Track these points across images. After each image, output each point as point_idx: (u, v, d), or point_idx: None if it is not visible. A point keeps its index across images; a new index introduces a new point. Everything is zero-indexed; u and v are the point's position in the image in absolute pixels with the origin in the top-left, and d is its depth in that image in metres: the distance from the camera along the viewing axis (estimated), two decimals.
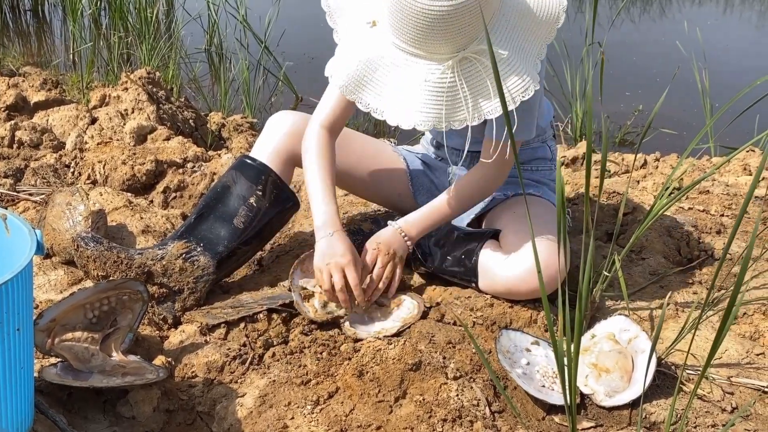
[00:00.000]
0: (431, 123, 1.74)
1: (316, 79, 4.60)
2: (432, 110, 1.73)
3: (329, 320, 1.90)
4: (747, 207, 1.19)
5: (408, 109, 1.73)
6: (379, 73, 1.74)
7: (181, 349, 1.81)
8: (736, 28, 6.29)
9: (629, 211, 2.52)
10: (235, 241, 2.03)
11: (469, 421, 1.59)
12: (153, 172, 2.64)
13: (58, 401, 1.63)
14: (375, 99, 1.76)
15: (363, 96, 1.77)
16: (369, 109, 1.77)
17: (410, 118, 1.74)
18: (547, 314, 1.31)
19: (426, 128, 1.75)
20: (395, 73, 1.73)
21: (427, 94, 1.72)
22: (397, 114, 1.75)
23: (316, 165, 1.99)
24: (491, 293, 1.99)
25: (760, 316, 1.99)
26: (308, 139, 2.02)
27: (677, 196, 1.85)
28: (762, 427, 1.63)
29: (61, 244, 2.12)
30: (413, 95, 1.72)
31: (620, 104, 4.40)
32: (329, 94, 2.02)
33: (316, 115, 2.04)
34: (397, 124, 1.75)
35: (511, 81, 1.71)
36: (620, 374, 1.70)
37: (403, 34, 1.69)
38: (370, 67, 1.74)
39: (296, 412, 1.61)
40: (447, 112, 1.73)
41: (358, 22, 1.78)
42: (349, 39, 1.79)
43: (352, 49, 1.77)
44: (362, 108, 1.78)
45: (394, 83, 1.74)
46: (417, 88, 1.72)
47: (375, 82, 1.75)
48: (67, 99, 3.36)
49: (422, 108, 1.73)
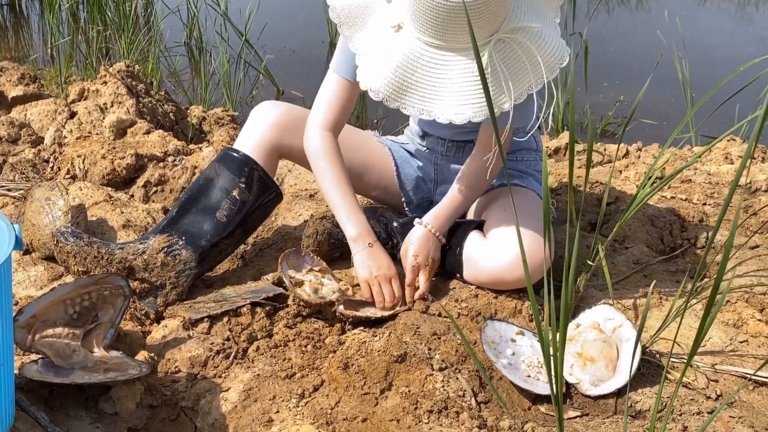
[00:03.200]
0: (484, 112, 1.72)
1: (296, 72, 4.60)
2: (480, 99, 1.71)
3: (321, 304, 1.88)
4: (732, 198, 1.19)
5: (456, 104, 1.72)
6: (419, 75, 1.72)
7: (163, 344, 1.80)
8: (712, 19, 6.32)
9: (612, 201, 2.52)
10: (217, 235, 2.01)
11: (455, 411, 1.58)
12: (133, 166, 2.61)
13: (39, 398, 1.61)
14: (420, 101, 1.74)
15: (407, 101, 1.75)
16: (415, 111, 1.75)
17: (462, 113, 1.72)
18: (533, 304, 1.30)
19: (480, 118, 1.73)
20: (435, 71, 1.71)
21: (473, 85, 1.70)
22: (447, 111, 1.73)
23: (331, 172, 1.97)
24: (476, 284, 1.98)
25: (744, 303, 2.00)
26: (314, 144, 1.99)
27: (659, 185, 1.86)
28: (746, 414, 1.64)
29: (41, 239, 2.09)
30: (460, 90, 1.71)
31: (599, 95, 4.41)
32: (327, 93, 1.99)
33: (316, 118, 2.00)
34: (449, 121, 1.73)
35: (545, 52, 1.71)
36: (605, 363, 1.71)
37: (433, 29, 1.67)
38: (408, 70, 1.71)
39: (281, 406, 1.60)
40: (494, 98, 1.72)
41: (380, 29, 1.75)
42: (374, 47, 1.76)
43: (383, 56, 1.73)
44: (408, 113, 1.76)
45: (437, 82, 1.72)
46: (462, 82, 1.70)
47: (416, 85, 1.73)
48: (46, 93, 3.32)
49: (472, 100, 1.71)
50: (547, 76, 1.71)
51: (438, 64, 1.71)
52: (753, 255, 2.25)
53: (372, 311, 1.90)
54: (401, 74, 1.72)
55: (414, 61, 1.71)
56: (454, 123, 1.73)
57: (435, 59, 1.71)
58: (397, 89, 1.73)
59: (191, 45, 4.95)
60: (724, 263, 1.17)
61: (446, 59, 1.70)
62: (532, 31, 1.70)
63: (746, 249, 2.28)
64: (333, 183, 1.97)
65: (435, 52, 1.70)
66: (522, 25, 1.69)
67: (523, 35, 1.69)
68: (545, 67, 1.70)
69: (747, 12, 6.56)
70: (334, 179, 1.97)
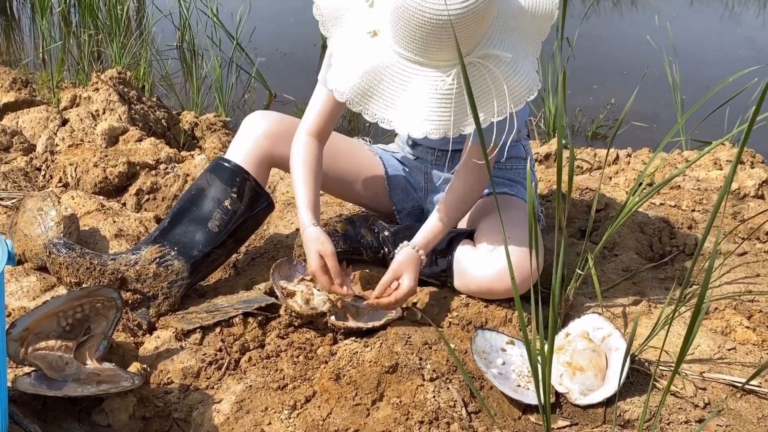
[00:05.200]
0: (442, 131, 1.72)
1: (288, 76, 4.60)
2: (441, 118, 1.71)
3: (312, 315, 1.89)
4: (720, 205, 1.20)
5: (417, 118, 1.72)
6: (385, 84, 1.73)
7: (156, 355, 1.81)
8: (702, 20, 6.35)
9: (602, 208, 2.54)
10: (209, 245, 2.02)
11: (446, 422, 1.60)
12: (125, 174, 2.62)
13: (32, 411, 1.61)
14: (382, 110, 1.75)
15: (370, 107, 1.75)
16: (376, 119, 1.75)
17: (420, 127, 1.73)
18: (520, 315, 1.32)
19: (437, 136, 1.73)
20: (401, 82, 1.72)
21: (434, 102, 1.71)
22: (406, 123, 1.73)
23: (299, 170, 1.98)
24: (466, 293, 2.00)
25: (732, 311, 2.02)
26: (295, 147, 2.02)
27: (649, 193, 1.87)
28: (734, 423, 1.66)
29: (33, 250, 2.10)
30: (421, 104, 1.71)
31: (589, 97, 4.43)
32: (315, 100, 2.02)
33: (302, 123, 2.03)
34: (407, 134, 1.74)
35: (513, 83, 1.71)
36: (594, 372, 1.72)
37: (409, 43, 1.67)
38: (375, 77, 1.72)
39: (273, 417, 1.62)
40: (456, 119, 1.72)
41: (357, 32, 1.76)
42: (348, 50, 1.77)
43: (354, 60, 1.74)
44: (369, 119, 1.76)
45: (401, 93, 1.72)
46: (425, 96, 1.71)
47: (381, 93, 1.74)
48: (38, 99, 3.32)
49: (432, 116, 1.71)
50: (512, 107, 1.72)
51: (406, 76, 1.71)
52: (741, 262, 2.27)
53: (363, 322, 1.92)
54: (368, 80, 1.72)
55: (383, 69, 1.72)
56: (411, 136, 1.73)
57: (404, 70, 1.71)
58: (361, 94, 1.74)
59: (183, 48, 4.96)
60: (708, 273, 1.19)
61: (415, 72, 1.70)
62: (502, 59, 1.70)
63: (735, 256, 2.30)
64: (298, 180, 1.98)
65: (405, 64, 1.71)
66: (494, 53, 1.69)
67: (494, 62, 1.70)
68: (511, 98, 1.71)
69: (735, 13, 6.59)
70: (300, 176, 1.98)
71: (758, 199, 2.64)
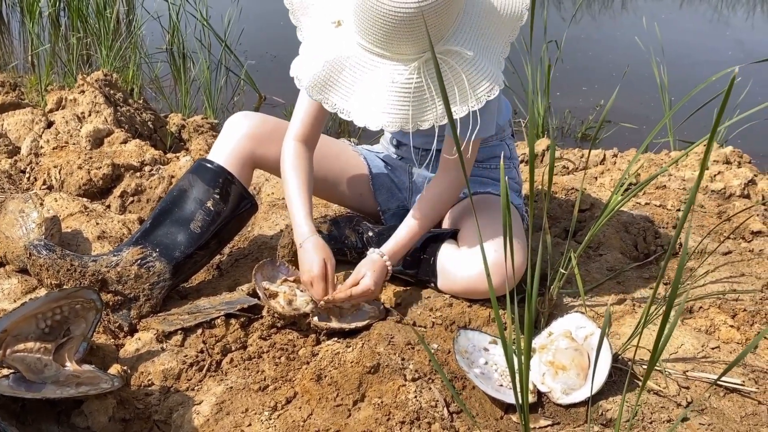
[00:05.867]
0: (399, 124, 1.73)
1: (278, 78, 4.59)
2: (399, 111, 1.72)
3: (295, 316, 1.89)
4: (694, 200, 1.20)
5: (375, 110, 1.72)
6: (345, 74, 1.73)
7: (137, 357, 1.79)
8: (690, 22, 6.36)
9: (587, 208, 2.53)
10: (192, 246, 2.01)
11: (427, 422, 1.59)
12: (110, 176, 2.61)
13: (11, 414, 1.59)
14: (341, 100, 1.75)
15: (329, 97, 1.75)
16: (336, 109, 1.76)
17: (377, 119, 1.73)
18: (496, 313, 1.30)
19: (393, 129, 1.74)
20: (361, 73, 1.72)
21: (393, 95, 1.71)
22: (364, 115, 1.73)
23: (290, 177, 1.99)
24: (450, 293, 1.99)
25: (716, 310, 2.02)
26: (285, 153, 2.02)
27: (632, 192, 1.87)
28: (717, 421, 1.65)
29: (14, 252, 2.08)
30: (380, 96, 1.71)
31: (578, 99, 4.43)
32: (300, 104, 2.02)
33: (290, 128, 2.03)
34: (364, 125, 1.74)
35: (477, 81, 1.71)
36: (577, 372, 1.72)
37: (369, 35, 1.67)
38: (336, 67, 1.72)
39: (253, 419, 1.60)
40: (414, 113, 1.72)
41: (323, 22, 1.77)
42: (313, 39, 1.77)
43: (317, 49, 1.75)
44: (329, 109, 1.77)
45: (361, 84, 1.72)
46: (384, 89, 1.71)
47: (341, 83, 1.74)
48: (24, 102, 3.30)
49: (389, 109, 1.72)
50: (472, 105, 1.71)
51: (365, 67, 1.71)
52: (726, 261, 2.27)
53: (346, 323, 1.91)
54: (328, 70, 1.72)
55: (344, 59, 1.72)
56: (368, 128, 1.74)
57: (364, 62, 1.71)
58: (321, 84, 1.74)
59: (172, 51, 4.95)
60: (679, 271, 1.18)
61: (374, 63, 1.71)
62: (463, 57, 1.69)
63: (719, 255, 2.30)
64: (293, 188, 1.98)
65: (366, 56, 1.71)
66: (455, 49, 1.69)
67: (455, 59, 1.69)
68: (473, 95, 1.70)
69: (724, 15, 6.60)
70: (294, 185, 1.98)
71: (744, 199, 2.64)
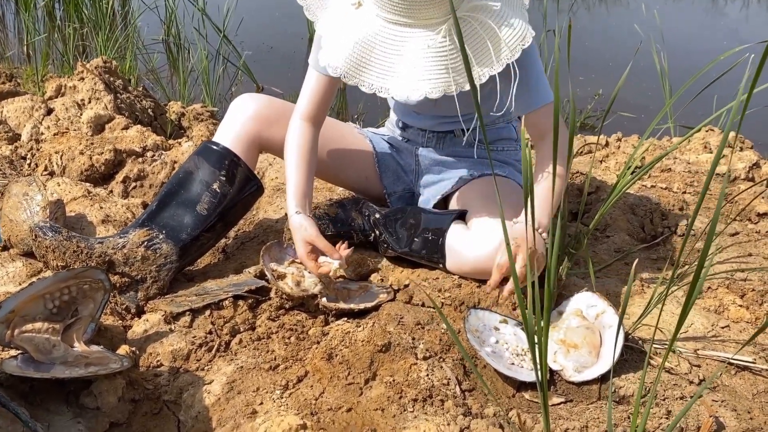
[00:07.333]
0: (441, 89, 1.70)
1: (275, 68, 4.58)
2: (439, 76, 1.69)
3: (303, 297, 1.87)
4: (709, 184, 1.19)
5: (413, 81, 1.70)
6: (377, 51, 1.71)
7: (145, 338, 1.78)
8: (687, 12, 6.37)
9: (593, 191, 2.53)
10: (198, 228, 1.99)
11: (439, 400, 1.58)
12: (112, 161, 2.59)
13: (19, 394, 1.58)
14: (378, 79, 1.73)
15: (365, 78, 1.73)
16: (373, 89, 1.73)
17: (418, 89, 1.70)
18: (517, 292, 1.30)
19: (437, 95, 1.70)
20: (393, 47, 1.70)
21: (430, 61, 1.68)
22: (404, 87, 1.71)
23: (292, 154, 1.98)
24: (459, 274, 1.98)
25: (724, 290, 2.02)
26: (289, 132, 2.01)
27: (640, 173, 1.86)
28: (729, 398, 1.65)
29: (19, 235, 2.06)
30: (417, 66, 1.69)
31: (576, 88, 4.43)
32: (306, 84, 2.00)
33: (296, 108, 2.02)
34: (406, 98, 1.72)
35: (505, 32, 1.69)
36: (588, 349, 1.71)
37: (394, 5, 1.66)
38: (366, 47, 1.71)
39: (265, 398, 1.59)
40: (455, 75, 1.70)
41: (341, 8, 1.75)
42: (335, 25, 1.75)
43: (343, 33, 1.73)
44: (366, 90, 1.74)
45: (395, 58, 1.70)
46: (419, 57, 1.68)
47: (374, 61, 1.72)
48: (22, 91, 3.28)
49: (429, 76, 1.69)
50: (508, 57, 1.70)
51: (395, 41, 1.70)
52: (734, 242, 2.27)
53: (355, 304, 1.90)
54: (359, 51, 1.71)
55: (372, 37, 1.70)
56: (410, 100, 1.72)
57: (392, 36, 1.70)
58: (355, 66, 1.72)
59: (169, 42, 4.92)
60: (705, 251, 1.18)
61: (403, 35, 1.69)
62: (491, 10, 1.68)
63: (727, 236, 2.30)
64: (290, 166, 1.97)
65: (392, 28, 1.69)
66: (482, 4, 1.68)
67: (484, 14, 1.68)
68: (507, 48, 1.69)
69: (719, 5, 6.61)
70: (291, 162, 1.97)
71: (748, 182, 2.64)
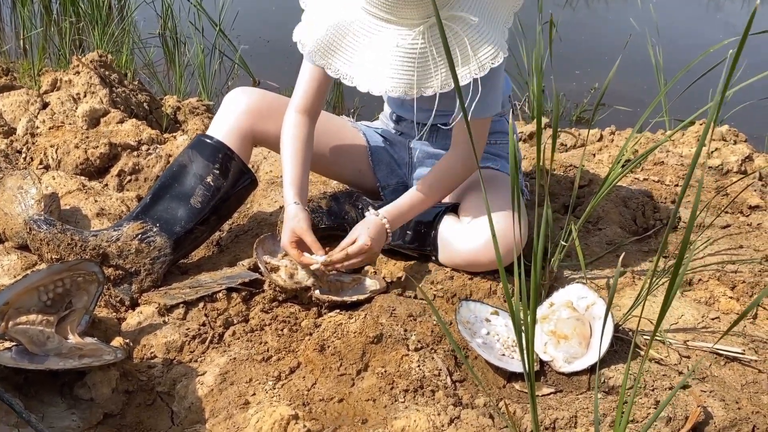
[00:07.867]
0: (402, 89, 1.71)
1: (272, 62, 4.57)
2: (403, 76, 1.71)
3: (297, 289, 1.88)
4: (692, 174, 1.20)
5: (379, 75, 1.71)
6: (349, 39, 1.72)
7: (139, 330, 1.79)
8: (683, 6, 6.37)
9: (586, 184, 2.54)
10: (192, 221, 2.00)
11: (430, 390, 1.59)
12: (107, 155, 2.59)
13: (14, 386, 1.59)
14: (345, 65, 1.74)
15: (332, 62, 1.75)
16: (339, 75, 1.75)
17: (381, 84, 1.72)
18: (504, 283, 1.31)
19: (397, 94, 1.73)
20: (365, 38, 1.71)
21: (397, 59, 1.70)
22: (368, 80, 1.72)
23: (287, 146, 1.99)
24: (451, 266, 2.00)
25: (715, 281, 2.03)
26: (285, 125, 2.02)
27: (631, 164, 1.88)
28: (718, 389, 1.67)
29: (14, 228, 2.07)
30: (384, 61, 1.70)
31: (572, 82, 4.43)
32: (302, 76, 2.01)
33: (291, 101, 2.03)
34: (367, 91, 1.73)
35: (481, 48, 1.70)
36: (578, 340, 1.72)
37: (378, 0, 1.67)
38: (339, 32, 1.72)
39: (257, 388, 1.61)
40: (418, 79, 1.71)
41: None
42: (317, 5, 1.77)
43: (321, 14, 1.74)
44: (332, 74, 1.76)
45: (365, 49, 1.72)
46: (388, 53, 1.70)
47: (344, 48, 1.73)
48: (18, 85, 3.28)
49: (393, 74, 1.71)
50: (475, 73, 1.70)
51: (369, 31, 1.71)
52: (724, 234, 2.28)
53: (348, 296, 1.91)
54: (332, 34, 1.72)
55: (348, 24, 1.71)
56: (371, 93, 1.73)
57: (368, 26, 1.71)
58: (324, 48, 1.73)
59: (165, 36, 4.92)
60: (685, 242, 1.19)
61: (378, 27, 1.70)
62: (467, 22, 1.69)
63: (718, 228, 2.31)
64: (286, 157, 1.98)
65: (371, 20, 1.70)
66: (460, 15, 1.68)
67: (459, 24, 1.69)
68: (477, 63, 1.70)
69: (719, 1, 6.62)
70: (287, 153, 1.98)
71: (740, 175, 2.65)
